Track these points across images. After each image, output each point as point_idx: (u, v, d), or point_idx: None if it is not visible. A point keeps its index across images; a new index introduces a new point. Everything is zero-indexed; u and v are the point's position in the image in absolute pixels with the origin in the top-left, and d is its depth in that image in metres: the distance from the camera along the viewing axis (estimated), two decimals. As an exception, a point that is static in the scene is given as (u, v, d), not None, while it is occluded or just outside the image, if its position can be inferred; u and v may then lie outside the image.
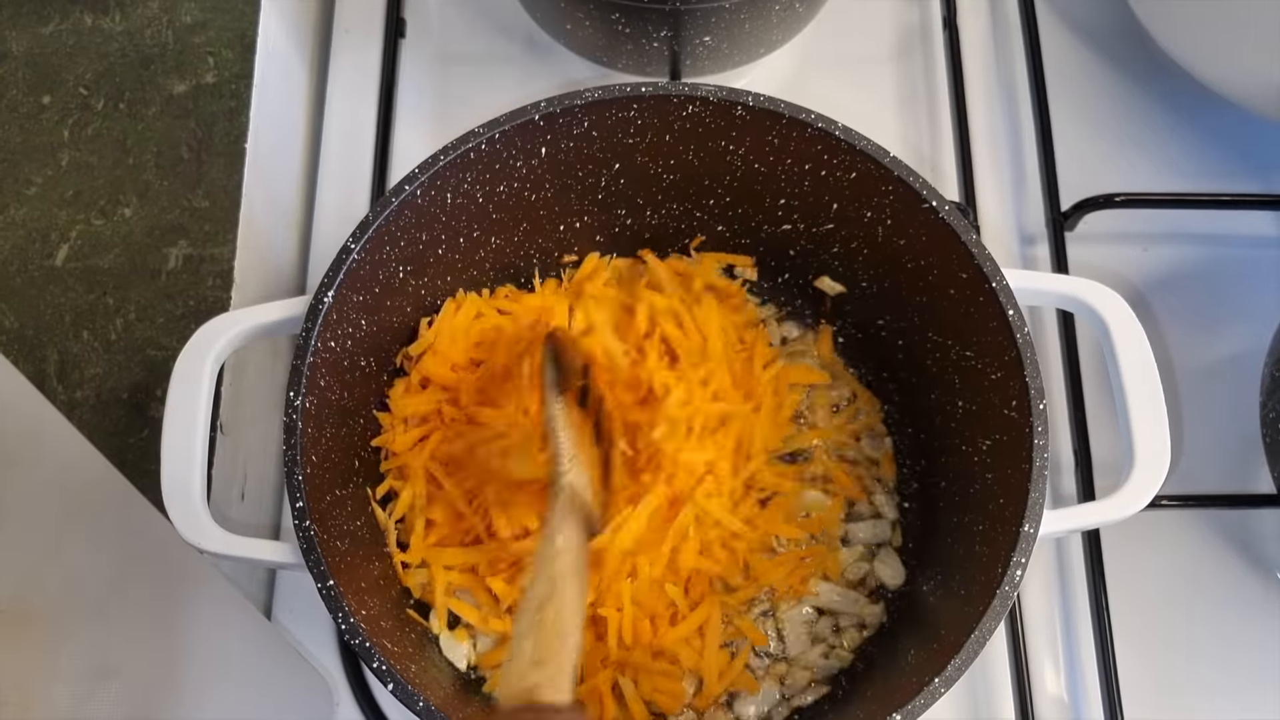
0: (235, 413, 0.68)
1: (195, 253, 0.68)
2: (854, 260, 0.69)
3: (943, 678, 0.52)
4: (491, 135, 0.61)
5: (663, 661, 0.63)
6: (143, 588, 0.62)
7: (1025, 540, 0.54)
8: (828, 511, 0.68)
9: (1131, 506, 0.56)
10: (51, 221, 0.68)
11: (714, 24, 0.71)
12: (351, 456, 0.64)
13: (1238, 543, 0.71)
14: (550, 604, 0.50)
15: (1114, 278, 0.77)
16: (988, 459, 0.61)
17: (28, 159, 0.70)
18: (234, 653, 0.61)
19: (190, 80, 0.73)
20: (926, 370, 0.68)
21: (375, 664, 0.53)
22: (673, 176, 0.68)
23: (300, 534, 0.55)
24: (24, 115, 0.71)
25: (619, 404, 0.65)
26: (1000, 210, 0.79)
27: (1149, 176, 0.80)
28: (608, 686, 0.63)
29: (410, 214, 0.61)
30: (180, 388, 0.58)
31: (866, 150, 0.61)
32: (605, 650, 0.63)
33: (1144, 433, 0.57)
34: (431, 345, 0.67)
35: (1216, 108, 0.79)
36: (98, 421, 0.64)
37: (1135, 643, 0.68)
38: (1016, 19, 0.83)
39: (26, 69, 0.72)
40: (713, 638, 0.64)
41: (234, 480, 0.68)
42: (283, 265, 0.77)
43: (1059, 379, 0.73)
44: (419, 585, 0.65)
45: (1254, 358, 0.68)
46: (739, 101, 0.62)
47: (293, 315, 0.60)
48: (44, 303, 0.66)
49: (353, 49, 0.84)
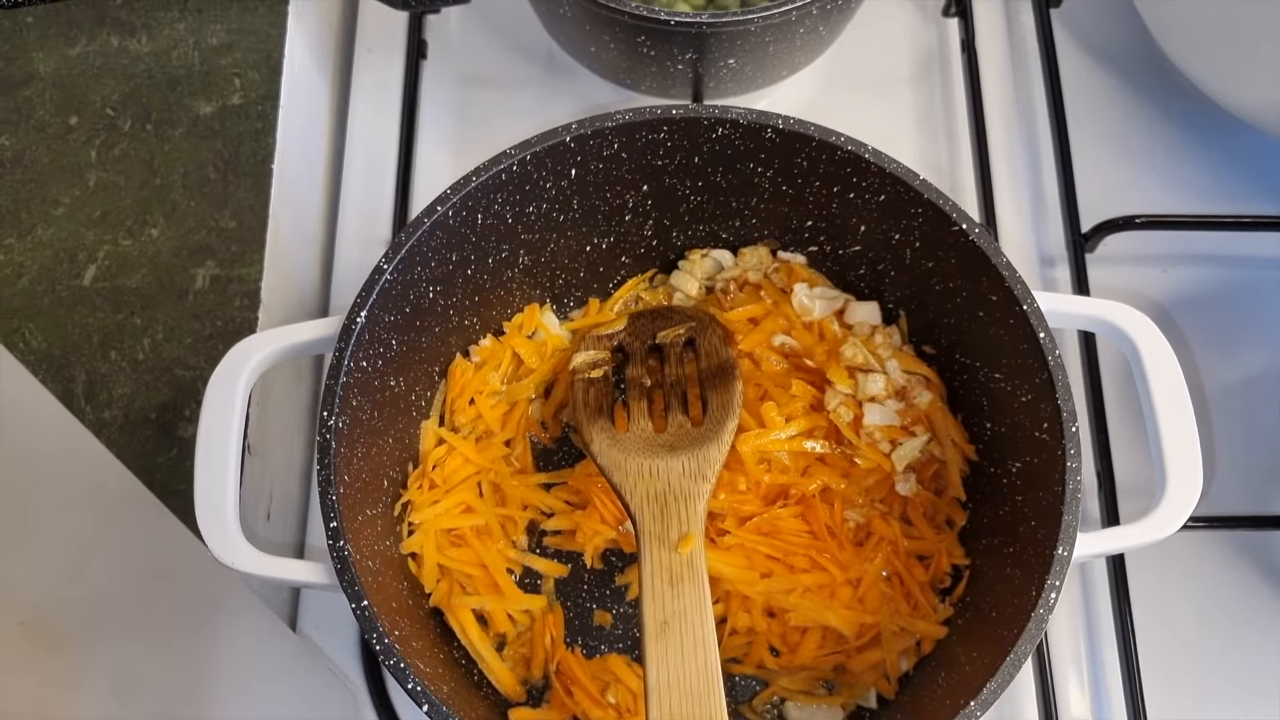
0: (262, 433, 0.68)
1: (222, 273, 0.68)
2: (881, 282, 0.69)
3: (979, 701, 0.52)
4: (523, 156, 0.61)
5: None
6: (168, 601, 0.62)
7: (1059, 564, 0.54)
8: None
9: (1164, 530, 0.56)
10: (79, 242, 0.68)
11: (739, 46, 0.71)
12: (380, 476, 0.64)
13: (1263, 564, 0.71)
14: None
15: (1135, 298, 0.77)
16: (1018, 481, 0.62)
17: (55, 179, 0.70)
18: (257, 662, 0.61)
19: (217, 101, 0.73)
20: (954, 393, 0.68)
21: (410, 685, 0.53)
22: (700, 198, 0.68)
23: (335, 554, 0.55)
24: (51, 136, 0.71)
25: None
26: (1020, 232, 0.79)
27: (1168, 198, 0.80)
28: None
29: (441, 235, 0.62)
30: (214, 407, 0.58)
31: (896, 173, 0.61)
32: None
33: (1176, 456, 0.57)
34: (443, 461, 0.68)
35: (1235, 130, 0.80)
36: (126, 441, 0.64)
37: (1160, 664, 0.68)
38: (1034, 41, 0.84)
39: (54, 90, 0.72)
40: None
41: (260, 500, 0.68)
42: (306, 286, 0.77)
43: (1081, 400, 0.73)
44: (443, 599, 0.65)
45: (1275, 378, 0.69)
46: (769, 124, 0.62)
47: (324, 335, 0.60)
48: (72, 323, 0.66)
49: (375, 70, 0.84)
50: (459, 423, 0.69)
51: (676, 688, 0.54)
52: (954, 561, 0.65)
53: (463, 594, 0.65)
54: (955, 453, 0.66)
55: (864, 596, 0.64)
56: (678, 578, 0.58)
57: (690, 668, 0.55)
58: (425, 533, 0.65)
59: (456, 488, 0.67)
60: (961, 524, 0.66)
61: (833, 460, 0.67)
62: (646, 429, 0.66)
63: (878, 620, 0.64)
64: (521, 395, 0.70)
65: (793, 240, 0.70)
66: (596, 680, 0.64)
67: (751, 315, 0.70)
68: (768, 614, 0.65)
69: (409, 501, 0.66)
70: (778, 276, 0.71)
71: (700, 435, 0.64)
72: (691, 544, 0.59)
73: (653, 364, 0.70)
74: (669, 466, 0.62)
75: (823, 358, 0.68)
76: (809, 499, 0.66)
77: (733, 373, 0.67)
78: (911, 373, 0.68)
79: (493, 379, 0.70)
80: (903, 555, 0.65)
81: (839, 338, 0.69)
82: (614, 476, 0.63)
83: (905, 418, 0.67)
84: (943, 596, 0.66)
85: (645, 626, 0.56)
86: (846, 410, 0.66)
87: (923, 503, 0.67)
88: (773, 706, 0.65)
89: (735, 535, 0.65)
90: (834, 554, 0.65)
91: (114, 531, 0.61)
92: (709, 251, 0.73)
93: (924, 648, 0.64)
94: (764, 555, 0.65)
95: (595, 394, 0.68)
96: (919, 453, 0.66)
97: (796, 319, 0.69)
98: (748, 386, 0.68)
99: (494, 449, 0.69)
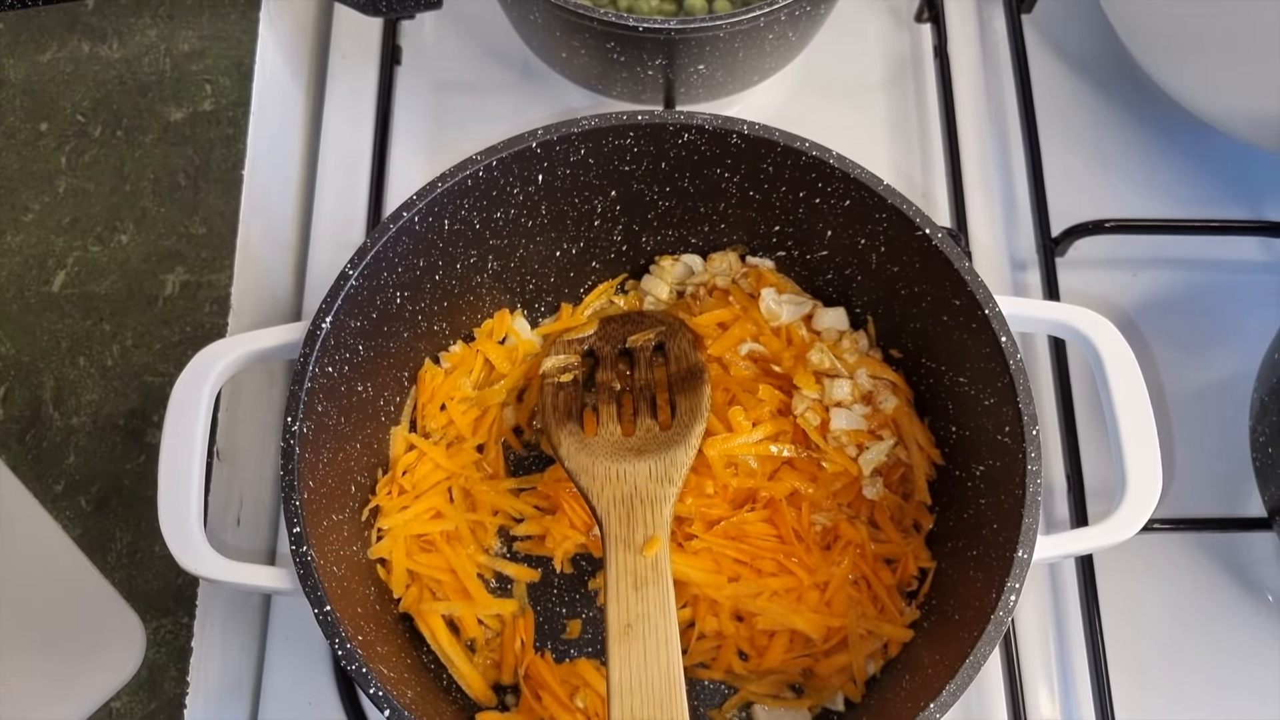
0: (231, 439, 0.68)
1: (192, 279, 0.69)
2: (848, 287, 0.69)
3: (938, 703, 0.52)
4: (489, 162, 0.61)
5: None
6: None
7: (1019, 566, 0.55)
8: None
9: (1125, 532, 0.57)
10: (48, 248, 0.69)
11: (708, 52, 0.71)
12: (347, 482, 0.64)
13: (1229, 566, 0.71)
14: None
15: (1104, 303, 0.77)
16: (981, 484, 0.62)
17: (25, 186, 0.70)
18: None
19: (188, 107, 0.73)
20: (920, 396, 0.68)
21: (371, 689, 0.53)
22: (668, 203, 0.69)
23: (297, 559, 0.55)
24: (21, 142, 0.71)
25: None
26: (991, 236, 0.80)
27: (1138, 202, 0.81)
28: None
29: (408, 240, 0.62)
30: (178, 413, 0.58)
31: (860, 178, 0.62)
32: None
33: (1136, 459, 0.58)
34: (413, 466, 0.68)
35: (1205, 135, 0.80)
36: (94, 448, 0.64)
37: (1129, 665, 0.68)
38: (1006, 48, 0.84)
39: (24, 96, 0.72)
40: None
41: (230, 506, 0.68)
42: (279, 291, 0.77)
43: (1051, 404, 0.73)
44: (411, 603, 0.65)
45: (1243, 381, 0.69)
46: (734, 130, 0.62)
47: (290, 341, 0.60)
48: (41, 329, 0.67)
49: (349, 76, 0.84)
50: (429, 428, 0.69)
51: (639, 690, 0.54)
52: (920, 565, 0.65)
53: (432, 599, 0.65)
54: (921, 457, 0.67)
55: (831, 600, 0.65)
56: (642, 581, 0.58)
57: (653, 670, 0.55)
58: (394, 538, 0.65)
59: (426, 493, 0.67)
60: (929, 528, 0.67)
61: (800, 464, 0.67)
62: (615, 433, 0.66)
63: (845, 623, 0.64)
64: (493, 401, 0.70)
65: (761, 245, 0.71)
66: (565, 685, 0.64)
67: (720, 320, 0.70)
68: (735, 618, 0.65)
69: (378, 507, 0.66)
70: (746, 282, 0.71)
71: (668, 439, 0.64)
72: (657, 547, 0.59)
73: (623, 368, 0.70)
74: (636, 470, 0.63)
75: (790, 363, 0.68)
76: (776, 503, 0.66)
77: (701, 377, 0.67)
78: (878, 378, 0.68)
79: (464, 384, 0.70)
80: (870, 559, 0.65)
81: (806, 343, 0.69)
82: (581, 480, 0.63)
83: (872, 422, 0.67)
84: (909, 599, 0.66)
85: (609, 629, 0.56)
86: (814, 415, 0.67)
87: (889, 506, 0.67)
88: (741, 711, 0.66)
89: (703, 539, 0.65)
90: (801, 558, 0.65)
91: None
92: (680, 257, 0.73)
93: (890, 651, 0.64)
94: (731, 559, 0.65)
95: (564, 398, 0.68)
96: (885, 457, 0.67)
97: (764, 324, 0.69)
98: (716, 391, 0.68)
99: (465, 454, 0.69)
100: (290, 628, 0.70)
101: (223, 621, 0.68)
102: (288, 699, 0.68)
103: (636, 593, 0.57)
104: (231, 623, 0.68)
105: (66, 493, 0.69)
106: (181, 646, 0.81)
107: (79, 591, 0.64)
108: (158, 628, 0.78)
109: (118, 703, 0.71)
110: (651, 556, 0.59)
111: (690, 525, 0.66)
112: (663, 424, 0.66)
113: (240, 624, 0.69)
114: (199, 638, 0.66)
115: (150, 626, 0.79)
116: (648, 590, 0.57)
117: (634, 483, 0.62)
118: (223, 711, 0.67)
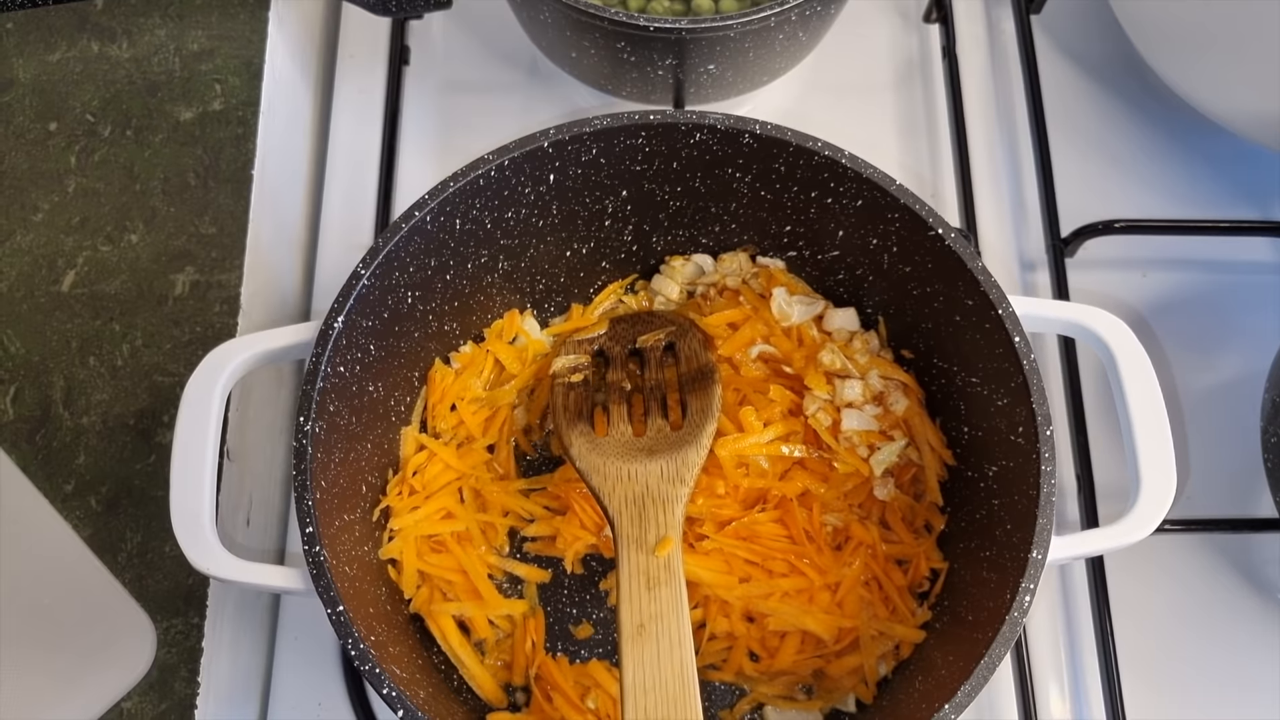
0: (241, 439, 0.68)
1: (202, 279, 0.69)
2: (859, 287, 0.69)
3: (953, 704, 0.52)
4: (501, 162, 0.61)
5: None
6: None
7: (1034, 567, 0.54)
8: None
9: (1138, 533, 0.57)
10: (58, 248, 0.68)
11: (719, 52, 0.71)
12: (359, 481, 0.64)
13: (1240, 566, 0.71)
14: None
15: (1114, 303, 0.77)
16: (994, 485, 0.62)
17: (35, 185, 0.70)
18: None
19: (197, 107, 0.73)
20: (932, 397, 0.68)
21: (385, 690, 0.53)
22: (679, 203, 0.69)
23: (310, 559, 0.55)
24: (31, 142, 0.71)
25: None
26: (1001, 237, 0.80)
27: (1148, 203, 0.81)
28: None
29: (420, 240, 0.62)
30: (190, 412, 0.58)
31: (873, 178, 0.61)
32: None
33: (1150, 460, 0.58)
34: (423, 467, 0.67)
35: (1214, 135, 0.80)
36: (104, 448, 0.64)
37: (1140, 666, 0.68)
38: (1015, 48, 0.84)
39: (34, 96, 0.72)
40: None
41: (240, 506, 0.68)
42: (287, 291, 0.77)
43: (1061, 403, 0.73)
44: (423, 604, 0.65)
45: (1253, 382, 0.69)
46: (746, 130, 0.62)
47: (302, 340, 0.60)
48: (51, 329, 0.67)
49: (357, 76, 0.84)
50: (440, 428, 0.69)
51: (652, 690, 0.54)
52: (932, 566, 0.65)
53: (443, 600, 0.65)
54: (933, 457, 0.67)
55: (843, 601, 0.64)
56: (655, 581, 0.58)
57: (666, 670, 0.55)
58: (405, 539, 0.65)
59: (437, 494, 0.67)
60: (940, 528, 0.66)
61: (811, 465, 0.67)
62: (626, 433, 0.66)
63: (856, 624, 0.64)
64: (503, 401, 0.70)
65: (772, 245, 0.71)
66: (577, 686, 0.64)
67: (731, 320, 0.70)
68: (747, 619, 0.65)
69: (388, 507, 0.66)
70: (757, 282, 0.71)
71: (679, 439, 0.64)
72: (669, 547, 0.59)
73: (633, 368, 0.70)
74: (647, 470, 0.62)
75: (801, 364, 0.68)
76: (787, 503, 0.66)
77: (712, 377, 0.67)
78: (889, 378, 0.68)
79: (474, 385, 0.70)
80: (881, 560, 0.65)
81: (817, 343, 0.69)
82: (592, 480, 0.63)
83: (883, 423, 0.67)
84: (920, 600, 0.66)
85: (622, 629, 0.56)
86: (825, 415, 0.67)
87: (901, 507, 0.67)
88: (752, 713, 0.65)
89: (714, 540, 0.65)
90: (812, 558, 0.65)
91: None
92: (690, 257, 0.73)
93: (902, 652, 0.64)
94: (742, 560, 0.65)
95: (575, 398, 0.68)
96: (897, 457, 0.67)
97: (775, 324, 0.69)
98: (727, 391, 0.68)
99: (475, 455, 0.69)
100: (300, 629, 0.70)
101: (233, 622, 0.68)
102: (297, 700, 0.68)
103: (649, 593, 0.57)
104: (242, 623, 0.68)
105: (77, 493, 0.69)
106: (192, 647, 0.81)
107: (89, 592, 0.64)
108: (168, 628, 0.78)
109: (128, 703, 0.71)
110: (664, 556, 0.58)
111: (701, 526, 0.66)
112: (673, 424, 0.66)
113: (250, 625, 0.69)
114: (209, 638, 0.66)
115: (161, 627, 0.79)
116: (660, 590, 0.57)
117: (646, 483, 0.62)
118: (233, 712, 0.67)
